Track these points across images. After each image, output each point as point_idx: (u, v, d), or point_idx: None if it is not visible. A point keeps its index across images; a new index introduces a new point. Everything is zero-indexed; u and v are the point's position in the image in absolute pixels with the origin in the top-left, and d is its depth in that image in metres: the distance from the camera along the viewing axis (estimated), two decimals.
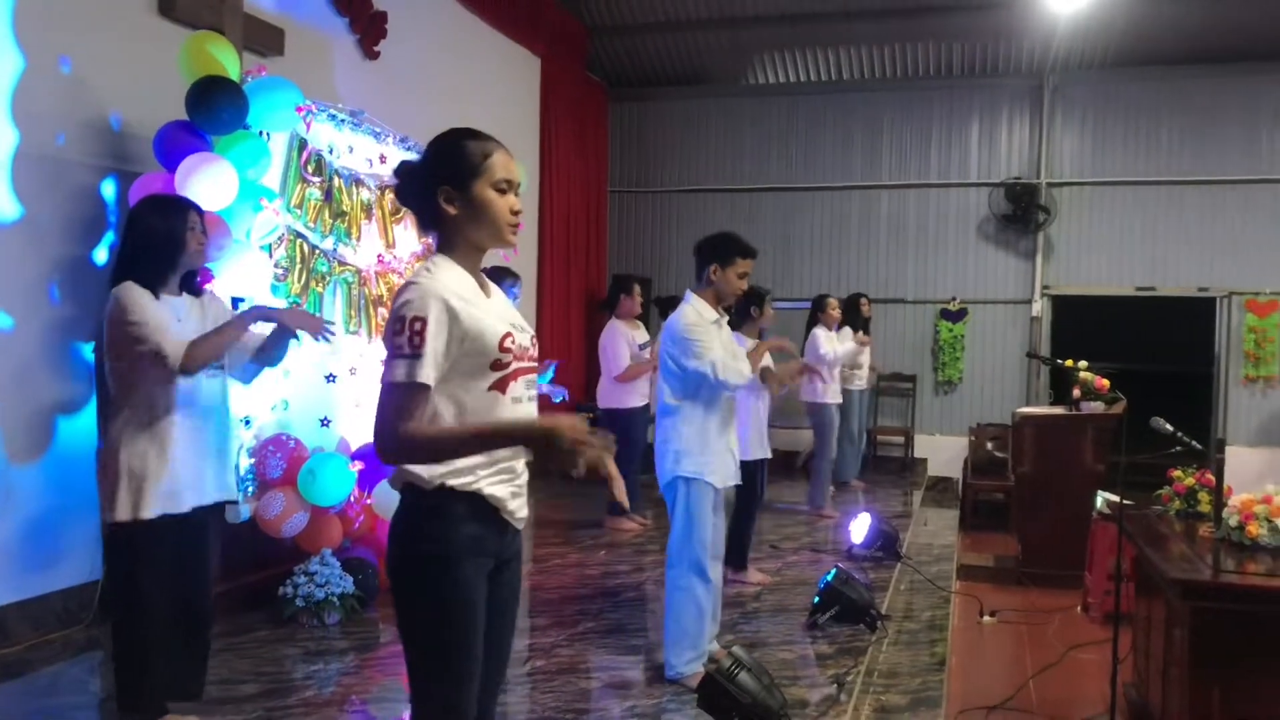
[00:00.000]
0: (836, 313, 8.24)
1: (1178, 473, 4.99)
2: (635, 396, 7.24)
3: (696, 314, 4.20)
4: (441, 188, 2.31)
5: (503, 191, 2.34)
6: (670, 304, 8.73)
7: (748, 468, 5.04)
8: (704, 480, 4.12)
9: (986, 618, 6.37)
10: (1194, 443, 4.80)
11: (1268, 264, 9.83)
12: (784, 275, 10.72)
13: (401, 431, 2.15)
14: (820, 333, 8.10)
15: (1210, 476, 4.71)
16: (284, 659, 4.40)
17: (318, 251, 5.36)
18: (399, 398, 2.16)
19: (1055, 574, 7.04)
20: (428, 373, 2.17)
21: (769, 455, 6.01)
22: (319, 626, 4.79)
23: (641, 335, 7.37)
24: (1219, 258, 9.96)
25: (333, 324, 4.01)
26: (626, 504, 2.42)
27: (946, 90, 10.72)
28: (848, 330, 8.71)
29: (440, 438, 2.21)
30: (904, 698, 4.25)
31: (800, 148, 11.06)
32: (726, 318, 4.40)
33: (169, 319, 3.40)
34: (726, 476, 4.23)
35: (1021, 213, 10.29)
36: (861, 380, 8.90)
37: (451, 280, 2.27)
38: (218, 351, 3.47)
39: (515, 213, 2.37)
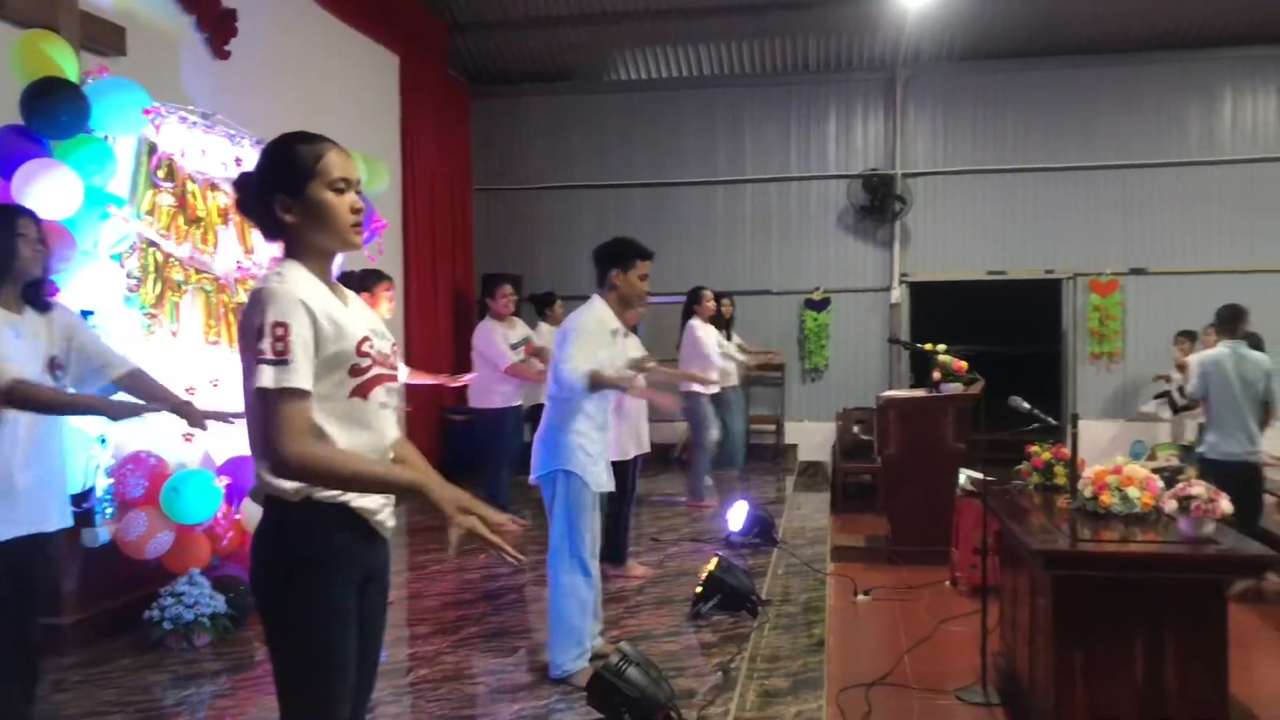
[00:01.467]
0: (712, 305, 8.35)
1: (1035, 448, 5.22)
2: (506, 397, 7.17)
3: (597, 320, 4.24)
4: (277, 196, 2.25)
5: (340, 191, 2.28)
6: (546, 301, 8.77)
7: (619, 465, 5.08)
8: (580, 477, 4.13)
9: (861, 597, 6.56)
10: (1049, 419, 5.05)
11: (1108, 246, 10.40)
12: (654, 270, 10.71)
13: (292, 449, 2.07)
14: (698, 324, 8.19)
15: (1065, 450, 4.95)
16: (152, 686, 4.21)
17: (172, 260, 5.13)
18: (273, 406, 2.09)
19: (923, 550, 7.30)
20: (300, 377, 2.10)
21: (647, 450, 6.05)
22: (189, 649, 4.60)
23: (517, 333, 7.30)
24: (1063, 241, 10.48)
25: (233, 418, 3.65)
26: (518, 560, 2.41)
27: (804, 85, 10.97)
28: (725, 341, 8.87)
29: (330, 469, 2.12)
30: (786, 680, 4.34)
31: (665, 143, 11.16)
32: (625, 331, 4.43)
33: (3, 338, 3.20)
34: (600, 481, 4.25)
35: (878, 203, 10.62)
36: (731, 378, 9.04)
37: (305, 284, 2.21)
38: (49, 408, 3.28)
39: (356, 211, 2.31)
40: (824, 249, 10.93)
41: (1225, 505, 4.00)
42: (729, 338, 9.35)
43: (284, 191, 2.25)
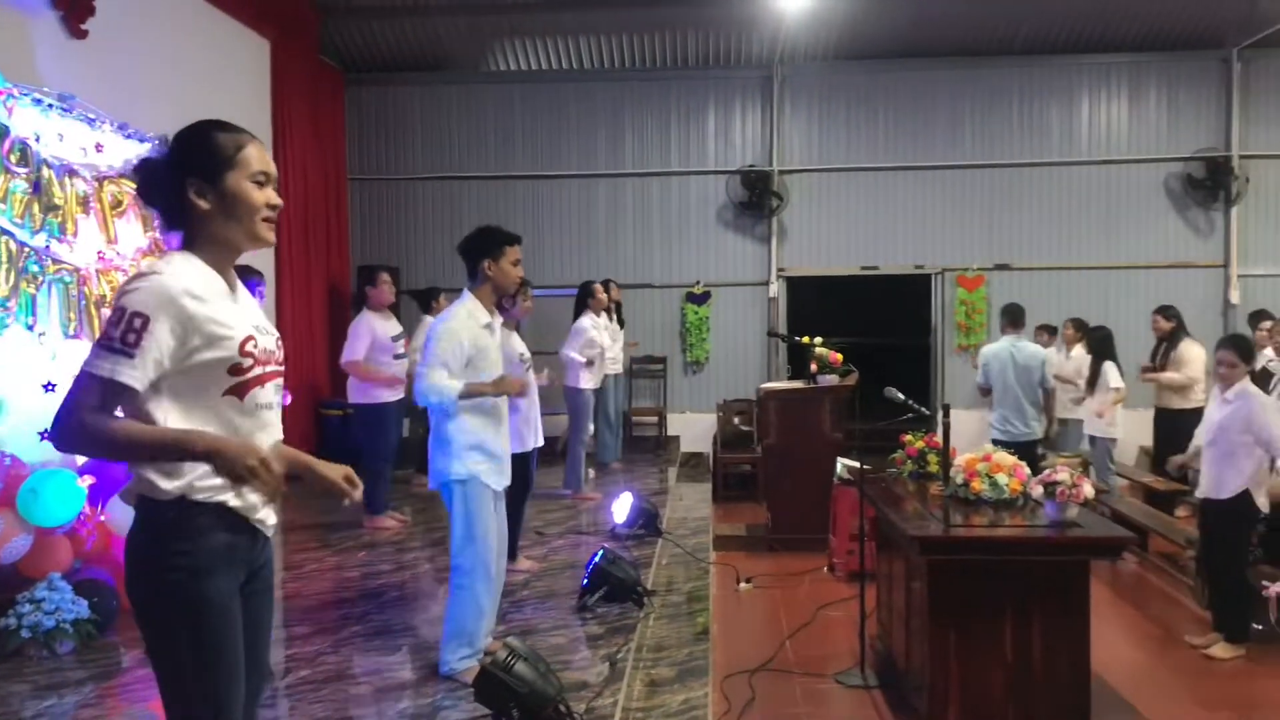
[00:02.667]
0: (604, 298, 8.33)
1: (909, 437, 5.40)
2: (388, 391, 7.04)
3: (462, 320, 4.13)
4: (191, 180, 2.18)
5: (260, 184, 2.24)
6: (428, 296, 8.62)
7: (518, 458, 5.04)
8: (480, 480, 4.07)
9: (743, 585, 6.67)
10: (922, 409, 5.22)
11: (974, 242, 10.81)
12: (537, 263, 10.73)
13: (86, 422, 2.01)
14: (587, 321, 8.17)
15: (937, 439, 5.12)
16: (10, 697, 3.98)
17: (27, 250, 4.86)
18: (94, 390, 2.02)
19: (803, 538, 7.47)
20: (137, 375, 2.04)
21: (541, 444, 6.02)
22: (50, 657, 4.37)
23: (394, 327, 7.16)
24: (932, 238, 10.85)
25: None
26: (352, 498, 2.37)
27: (684, 80, 11.06)
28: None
29: (117, 436, 2.04)
30: (672, 670, 4.38)
31: (546, 136, 11.11)
32: (500, 320, 4.37)
33: None
34: (501, 478, 4.20)
35: (757, 199, 10.79)
36: (617, 365, 9.06)
37: (188, 278, 2.13)
38: None
39: (273, 207, 2.26)
40: (705, 243, 11.05)
41: (1088, 490, 4.20)
42: (621, 324, 9.39)
43: (200, 178, 2.18)
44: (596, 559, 5.19)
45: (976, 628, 4.18)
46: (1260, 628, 5.48)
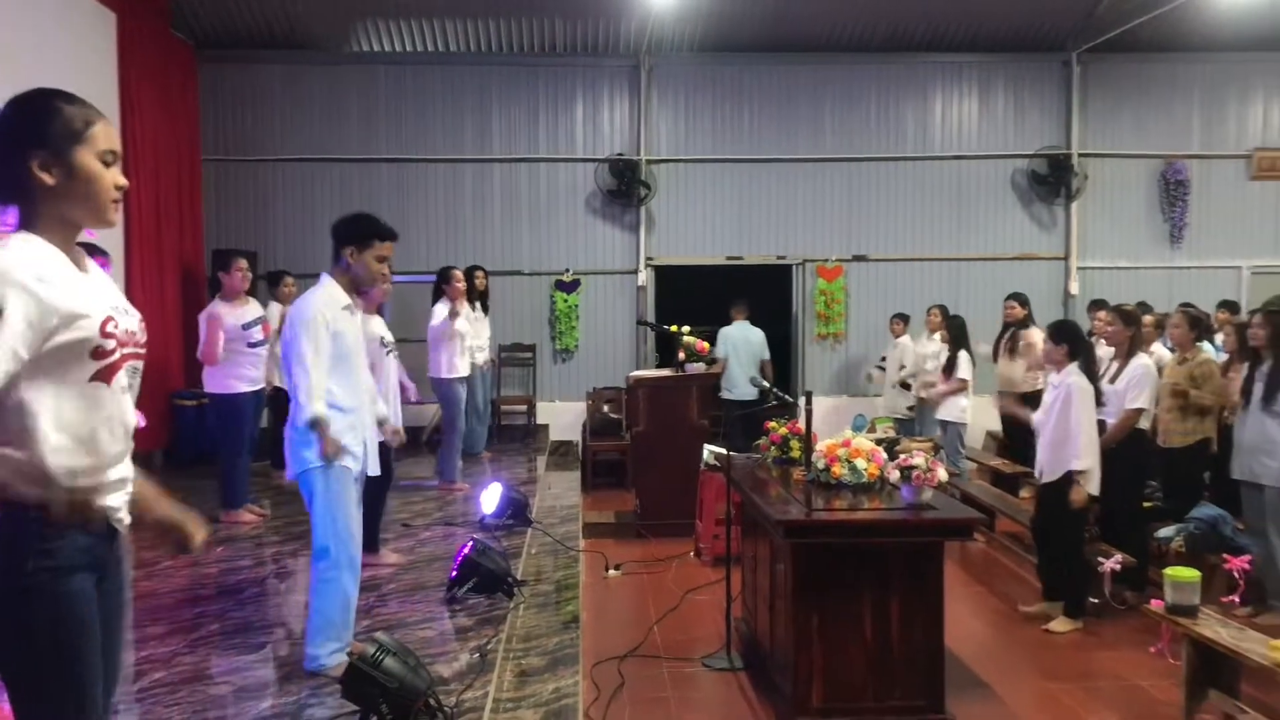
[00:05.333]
0: (463, 285, 8.24)
1: (772, 424, 5.53)
2: (243, 382, 6.81)
3: (323, 304, 4.01)
4: (35, 153, 2.05)
5: (108, 164, 2.13)
6: (276, 279, 8.37)
7: (380, 448, 4.94)
8: (341, 467, 3.97)
9: (612, 572, 6.73)
10: (786, 396, 5.36)
11: (833, 234, 11.12)
12: (401, 248, 10.45)
13: None
14: (442, 309, 8.06)
15: (800, 425, 5.26)
16: None
17: None
18: None
19: (670, 524, 7.58)
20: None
21: (403, 437, 5.91)
22: None
23: (251, 312, 6.93)
24: (794, 229, 11.11)
25: None
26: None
27: (552, 67, 11.01)
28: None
29: None
30: (543, 659, 4.39)
31: (410, 119, 10.89)
32: (360, 308, 4.27)
33: None
34: (363, 464, 4.11)
35: (625, 188, 10.85)
36: (484, 354, 8.98)
37: (35, 260, 2.02)
38: None
39: (119, 188, 2.15)
40: (573, 231, 11.04)
41: (941, 474, 4.39)
42: (485, 311, 9.29)
43: (46, 151, 2.06)
44: (465, 550, 5.15)
45: (838, 608, 4.32)
46: (1096, 601, 5.83)
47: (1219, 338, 7.92)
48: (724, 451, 5.66)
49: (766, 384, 5.34)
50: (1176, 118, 11.26)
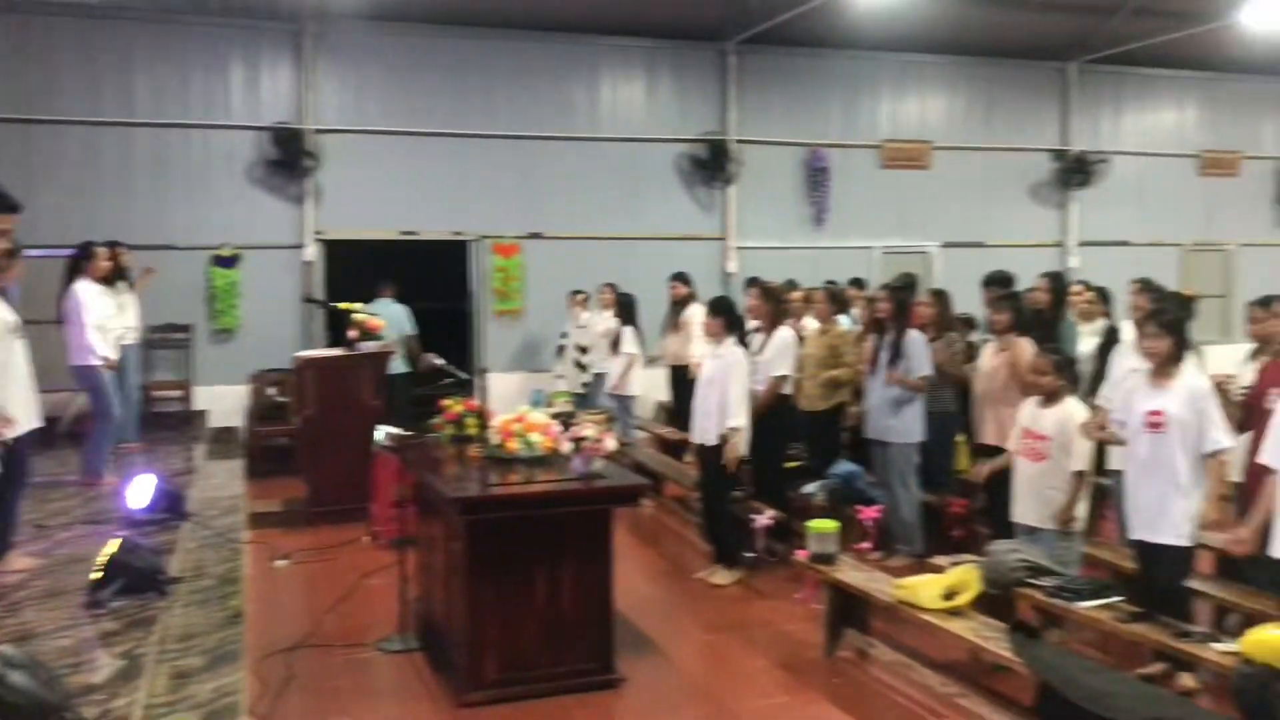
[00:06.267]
0: (107, 264, 7.48)
1: (448, 402, 5.49)
2: None
3: None
4: None
5: None
6: None
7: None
8: None
9: (279, 562, 6.45)
10: (461, 373, 5.35)
11: (510, 211, 11.16)
12: (30, 220, 9.37)
13: None
14: (83, 287, 7.30)
15: (475, 403, 5.27)
16: None
17: None
18: None
19: (343, 509, 7.34)
20: None
21: (42, 424, 5.33)
22: None
23: None
24: (470, 205, 11.04)
25: None
26: None
27: (203, 26, 10.23)
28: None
29: None
30: (202, 658, 4.12)
31: (39, 75, 9.72)
32: None
33: None
34: None
35: (290, 158, 10.30)
36: (132, 335, 8.24)
37: None
38: None
39: None
40: (232, 203, 10.34)
41: (611, 444, 4.56)
42: (130, 287, 8.50)
43: None
44: (110, 549, 4.73)
45: (513, 581, 4.39)
46: (753, 555, 6.29)
47: (855, 311, 8.74)
48: (399, 431, 5.56)
49: (441, 361, 5.30)
50: (819, 109, 12.27)
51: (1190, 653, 3.93)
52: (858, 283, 10.00)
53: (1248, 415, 4.85)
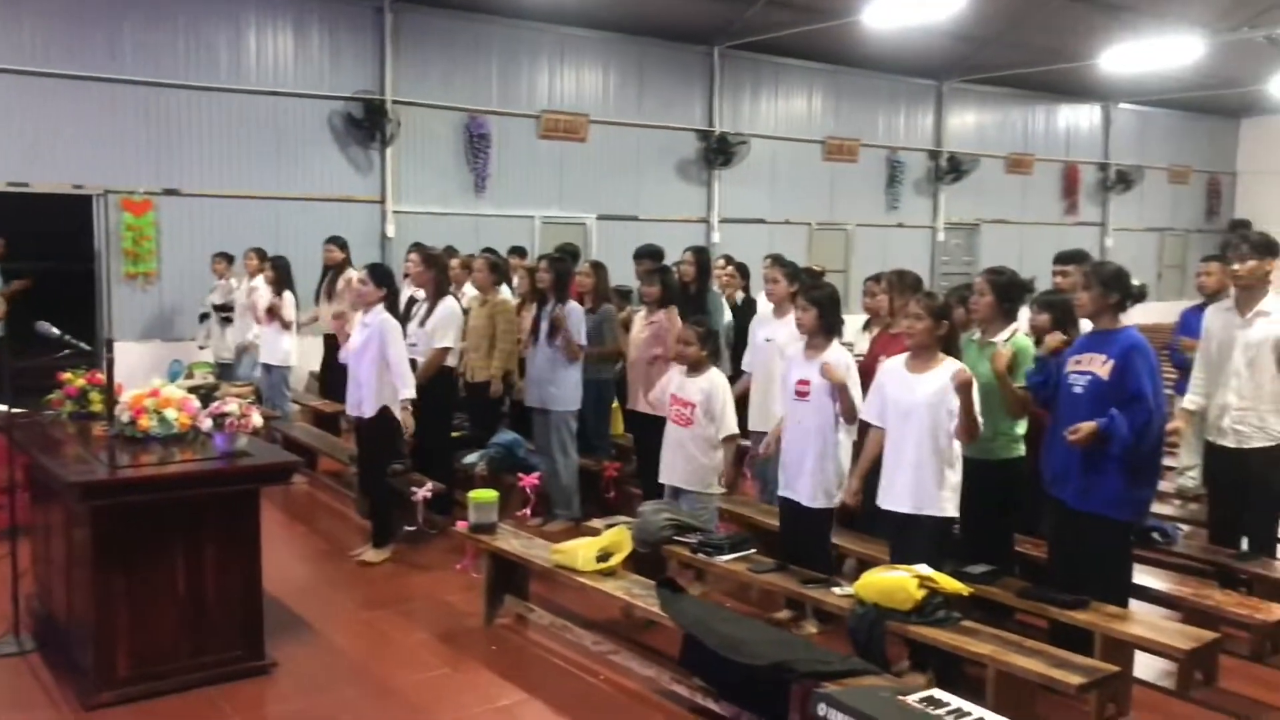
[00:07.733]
0: None
1: (68, 375, 4.97)
2: None
3: None
4: None
5: None
6: None
7: None
8: None
9: None
10: (82, 344, 4.82)
11: (140, 165, 10.18)
12: None
13: None
14: None
15: (100, 376, 4.78)
16: None
17: None
18: None
19: None
20: None
21: None
22: None
23: None
24: (93, 156, 9.94)
25: None
26: None
27: None
28: None
29: None
30: None
31: None
32: None
33: None
34: None
35: None
36: None
37: None
38: None
39: None
40: None
41: (257, 419, 4.31)
42: None
43: None
44: None
45: (147, 569, 4.05)
46: (413, 529, 6.19)
47: (516, 279, 8.79)
48: (5, 409, 4.94)
49: (56, 331, 4.73)
50: (480, 74, 12.17)
51: (814, 597, 4.35)
52: (519, 251, 10.08)
53: (863, 380, 5.39)
